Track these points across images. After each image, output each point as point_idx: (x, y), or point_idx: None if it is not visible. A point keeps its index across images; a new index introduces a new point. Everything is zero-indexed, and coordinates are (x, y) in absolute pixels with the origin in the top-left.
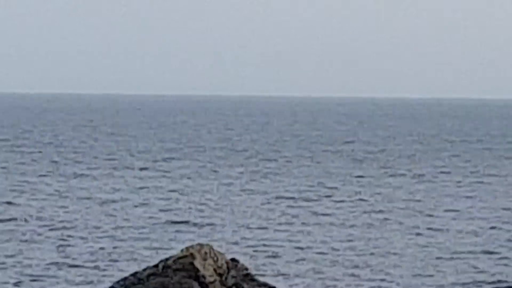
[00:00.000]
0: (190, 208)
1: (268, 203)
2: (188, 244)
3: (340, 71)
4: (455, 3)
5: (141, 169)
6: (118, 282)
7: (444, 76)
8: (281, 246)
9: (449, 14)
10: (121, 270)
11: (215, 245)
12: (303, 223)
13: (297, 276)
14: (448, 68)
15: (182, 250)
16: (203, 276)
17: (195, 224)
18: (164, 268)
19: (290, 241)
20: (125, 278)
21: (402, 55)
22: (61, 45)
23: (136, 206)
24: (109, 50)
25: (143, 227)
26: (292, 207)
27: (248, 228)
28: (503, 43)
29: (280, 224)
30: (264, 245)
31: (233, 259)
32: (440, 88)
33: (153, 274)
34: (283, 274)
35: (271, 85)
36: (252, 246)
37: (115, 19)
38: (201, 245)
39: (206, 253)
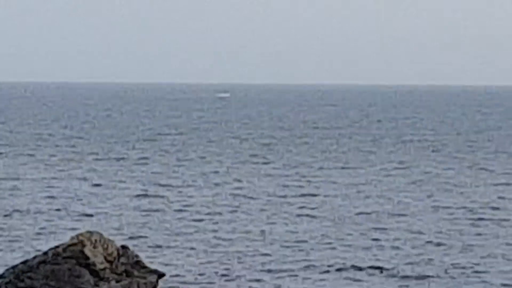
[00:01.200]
0: (73, 196)
1: (146, 190)
2: (77, 231)
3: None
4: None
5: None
6: (7, 270)
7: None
8: (169, 233)
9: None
10: (9, 259)
11: (104, 233)
12: (181, 210)
13: (186, 262)
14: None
15: (72, 238)
16: (93, 264)
17: (80, 212)
18: (54, 256)
19: (178, 227)
20: (15, 266)
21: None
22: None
23: (18, 195)
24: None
25: (30, 216)
26: (167, 191)
27: (134, 215)
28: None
29: (161, 211)
30: (152, 231)
31: (123, 246)
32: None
33: (43, 261)
34: (171, 260)
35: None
36: (140, 233)
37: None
38: (90, 232)
39: (96, 240)
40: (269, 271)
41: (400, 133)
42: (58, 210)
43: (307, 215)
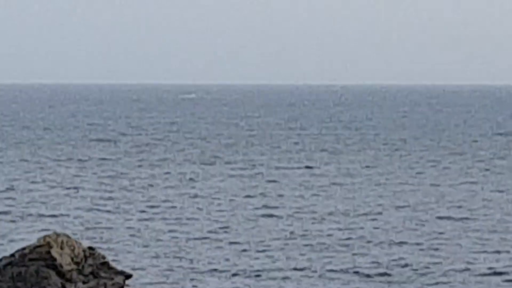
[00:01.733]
0: (35, 198)
1: (109, 191)
2: (40, 234)
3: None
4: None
5: None
6: None
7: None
8: (133, 234)
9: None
10: None
11: (71, 234)
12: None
13: (150, 263)
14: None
15: (39, 239)
16: (60, 265)
17: (43, 214)
18: (21, 258)
19: (142, 228)
20: None
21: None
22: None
23: None
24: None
25: None
26: (130, 192)
27: (98, 216)
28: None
29: (124, 212)
30: (116, 232)
31: (90, 248)
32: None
33: (10, 263)
34: (136, 261)
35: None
36: (104, 234)
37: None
38: (57, 234)
39: (63, 242)
40: (233, 271)
41: (364, 133)
42: (20, 212)
43: (271, 215)
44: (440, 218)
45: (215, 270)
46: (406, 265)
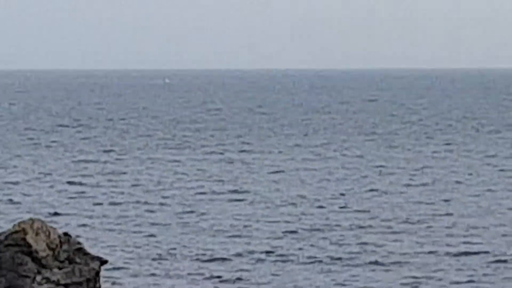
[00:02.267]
0: (4, 184)
1: (77, 176)
2: (14, 219)
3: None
4: None
5: None
6: None
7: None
8: (104, 220)
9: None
10: None
11: (46, 220)
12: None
13: (128, 249)
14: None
15: (14, 226)
16: (36, 251)
17: (13, 201)
18: None
19: (113, 213)
20: None
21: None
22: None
23: None
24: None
25: None
26: (101, 176)
27: (66, 202)
28: None
29: (93, 197)
30: (89, 218)
31: (65, 233)
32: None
33: None
34: (114, 246)
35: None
36: (73, 220)
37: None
38: (33, 220)
39: (38, 228)
40: (203, 256)
41: (335, 117)
42: None
43: (241, 200)
44: (411, 202)
45: (186, 254)
46: (376, 248)
